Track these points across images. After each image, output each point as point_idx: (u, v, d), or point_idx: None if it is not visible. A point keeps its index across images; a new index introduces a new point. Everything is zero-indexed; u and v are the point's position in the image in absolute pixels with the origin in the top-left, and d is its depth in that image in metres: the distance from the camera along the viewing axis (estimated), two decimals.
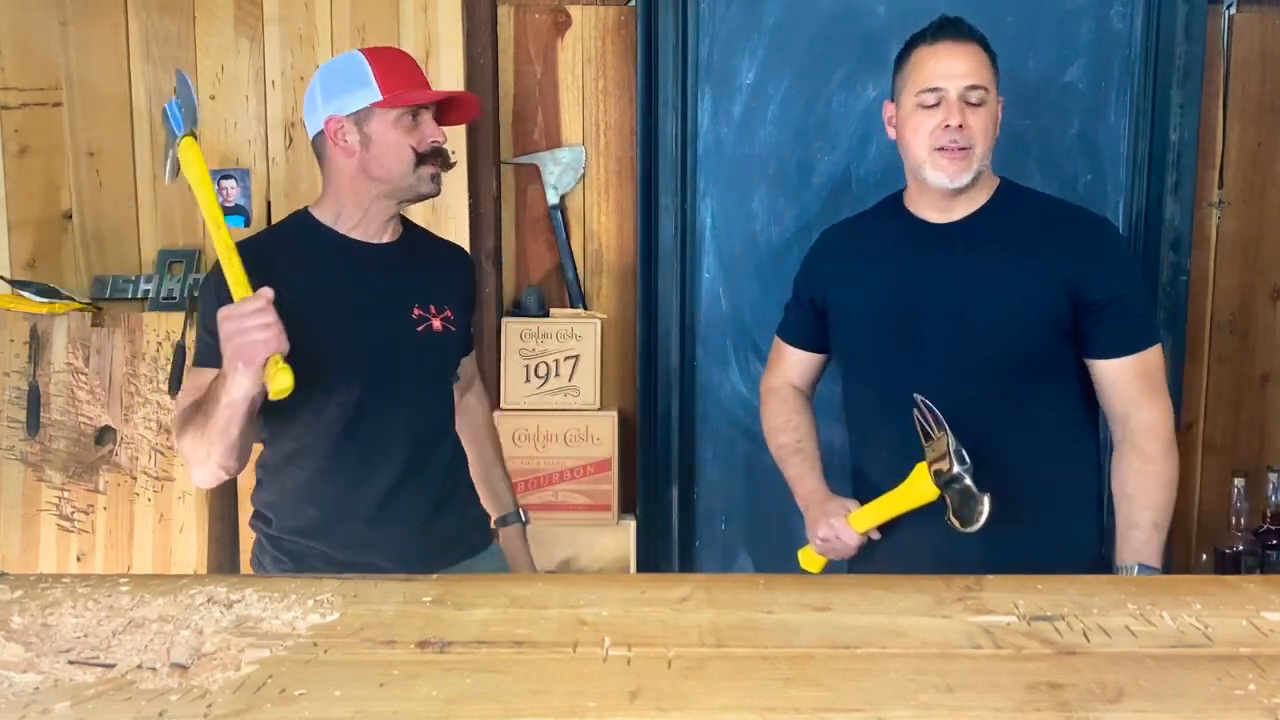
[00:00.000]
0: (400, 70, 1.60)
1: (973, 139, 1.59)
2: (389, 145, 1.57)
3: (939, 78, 1.59)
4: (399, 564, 1.57)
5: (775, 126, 2.48)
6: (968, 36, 1.62)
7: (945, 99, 1.59)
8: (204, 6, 2.45)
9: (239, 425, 1.44)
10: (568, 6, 2.50)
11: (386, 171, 1.58)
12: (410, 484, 1.64)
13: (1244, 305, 2.54)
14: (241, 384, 1.39)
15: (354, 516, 1.61)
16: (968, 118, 1.58)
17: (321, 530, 1.62)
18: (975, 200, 1.66)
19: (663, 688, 0.93)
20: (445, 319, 1.68)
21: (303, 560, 1.62)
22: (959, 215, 1.66)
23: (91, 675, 0.96)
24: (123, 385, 2.35)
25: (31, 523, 2.34)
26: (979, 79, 1.59)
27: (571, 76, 2.51)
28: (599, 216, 2.55)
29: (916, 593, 1.16)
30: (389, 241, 1.66)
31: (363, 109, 1.57)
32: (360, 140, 1.58)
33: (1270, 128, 2.49)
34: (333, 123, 1.58)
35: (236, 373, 1.39)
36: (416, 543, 1.64)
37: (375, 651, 1.01)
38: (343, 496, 1.61)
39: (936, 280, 1.65)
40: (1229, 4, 2.45)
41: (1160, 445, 1.60)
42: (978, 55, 1.61)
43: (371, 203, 1.61)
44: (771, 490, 2.55)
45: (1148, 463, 1.59)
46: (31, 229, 2.51)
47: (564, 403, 2.43)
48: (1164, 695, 0.92)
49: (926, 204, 1.69)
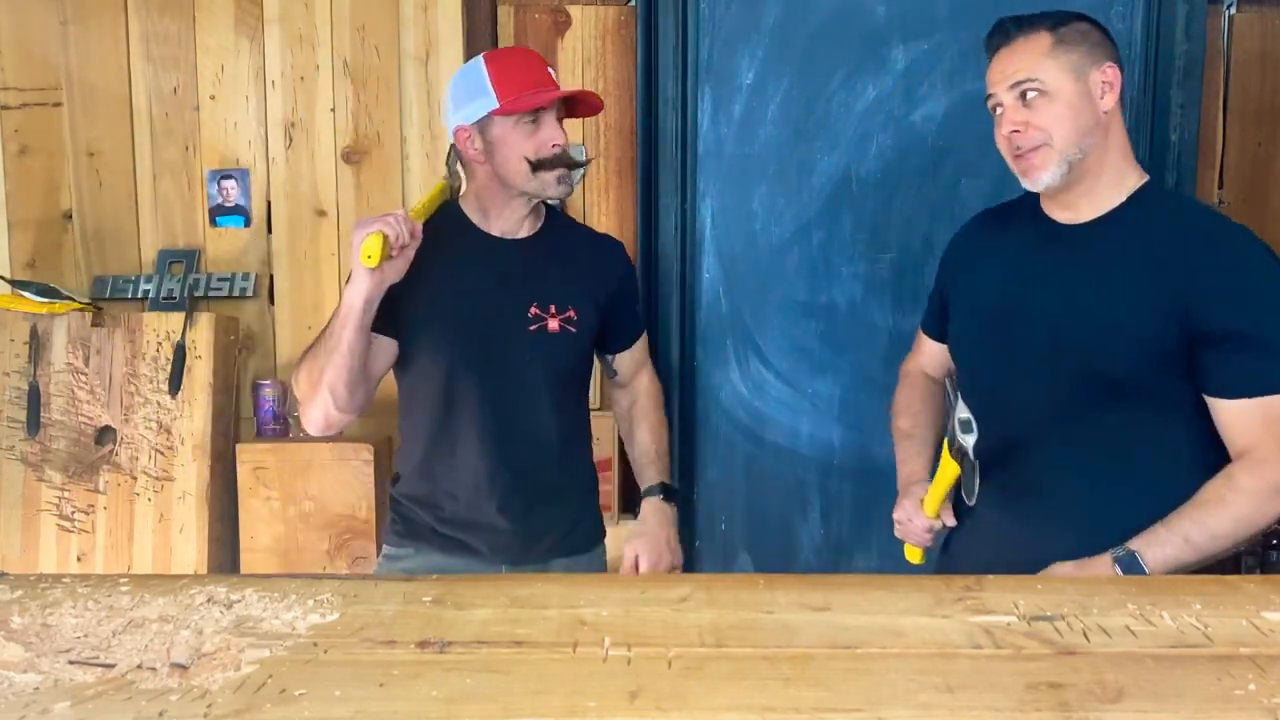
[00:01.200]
0: (518, 73, 1.63)
1: (1042, 136, 1.47)
2: (509, 152, 1.63)
3: (991, 85, 1.53)
4: (494, 550, 1.70)
5: (775, 126, 2.48)
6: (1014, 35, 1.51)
7: (1001, 105, 1.51)
8: (204, 6, 2.46)
9: (352, 329, 1.52)
10: (568, 6, 2.50)
11: (510, 175, 1.65)
12: (509, 476, 1.69)
13: None
14: (354, 271, 1.51)
15: (455, 498, 1.70)
16: (1029, 115, 1.48)
17: (429, 502, 1.72)
18: (1105, 200, 1.51)
19: (663, 688, 0.93)
20: (565, 319, 1.71)
21: (412, 524, 1.73)
22: (1086, 216, 1.52)
23: (91, 675, 0.96)
24: (123, 385, 2.35)
25: (31, 523, 2.34)
26: (1026, 72, 1.47)
27: (571, 77, 2.51)
28: (599, 216, 2.55)
29: (916, 593, 1.16)
30: (527, 236, 1.73)
31: (484, 117, 1.63)
32: (485, 147, 1.64)
33: (1270, 128, 2.49)
34: (461, 132, 1.66)
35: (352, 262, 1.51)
36: (513, 533, 1.71)
37: (375, 651, 1.01)
38: (447, 475, 1.70)
39: (1044, 283, 1.54)
40: (1229, 4, 2.45)
41: (1257, 482, 1.40)
42: (1026, 48, 1.48)
43: (506, 202, 1.69)
44: (771, 490, 2.56)
45: (1234, 491, 1.40)
46: (31, 229, 2.51)
47: None
48: (1164, 695, 0.92)
49: (1053, 204, 1.57)
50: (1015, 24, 1.51)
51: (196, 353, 2.36)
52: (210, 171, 2.50)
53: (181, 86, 2.48)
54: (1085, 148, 1.47)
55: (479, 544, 1.70)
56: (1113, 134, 1.50)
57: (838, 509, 2.55)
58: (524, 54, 1.71)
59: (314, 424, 1.63)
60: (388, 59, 2.47)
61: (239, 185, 2.50)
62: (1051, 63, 1.47)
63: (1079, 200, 1.52)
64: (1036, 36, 1.48)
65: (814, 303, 2.52)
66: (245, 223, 2.51)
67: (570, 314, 1.71)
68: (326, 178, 2.50)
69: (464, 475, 1.69)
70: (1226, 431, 1.43)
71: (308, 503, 2.36)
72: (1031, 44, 1.48)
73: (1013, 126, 1.48)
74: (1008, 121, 1.49)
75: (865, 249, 2.49)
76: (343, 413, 1.59)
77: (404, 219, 1.53)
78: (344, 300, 1.54)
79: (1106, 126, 1.49)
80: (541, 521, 1.73)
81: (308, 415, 1.62)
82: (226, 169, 2.49)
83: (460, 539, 1.70)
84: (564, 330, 1.71)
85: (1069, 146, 1.46)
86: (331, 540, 2.37)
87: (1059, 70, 1.46)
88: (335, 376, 1.55)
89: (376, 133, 2.49)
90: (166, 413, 2.34)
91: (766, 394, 2.55)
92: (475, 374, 1.67)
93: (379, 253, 1.48)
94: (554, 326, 1.70)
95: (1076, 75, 1.47)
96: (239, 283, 2.50)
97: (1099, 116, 1.47)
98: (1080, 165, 1.48)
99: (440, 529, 1.71)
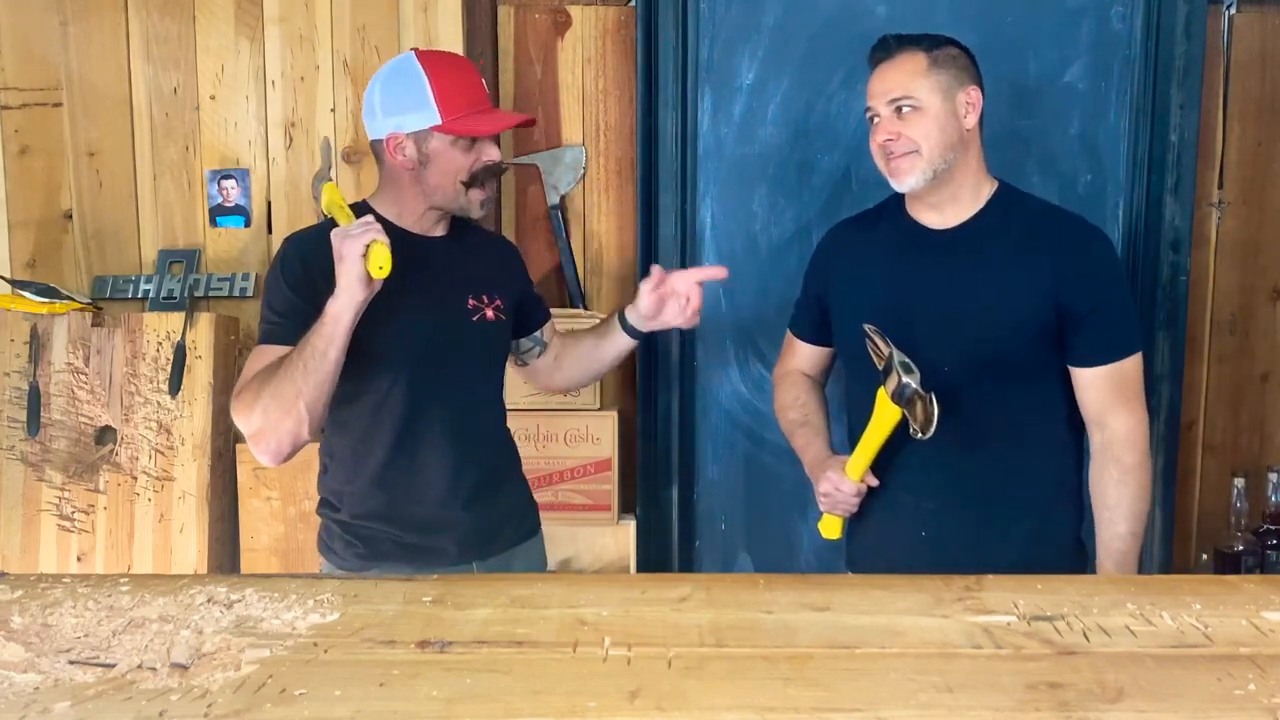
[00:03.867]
0: (460, 90, 1.62)
1: (912, 146, 1.63)
2: (443, 167, 1.63)
3: (870, 98, 1.68)
4: (462, 548, 1.68)
5: (775, 126, 2.48)
6: (895, 51, 1.66)
7: (877, 115, 1.67)
8: (204, 6, 2.46)
9: (338, 346, 1.47)
10: (568, 6, 2.50)
11: (438, 189, 1.64)
12: (469, 468, 1.70)
13: (1244, 305, 2.54)
14: (348, 283, 1.45)
15: (422, 501, 1.67)
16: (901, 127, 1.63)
17: (391, 515, 1.67)
18: (969, 205, 1.70)
19: (662, 688, 0.93)
20: (496, 308, 1.74)
21: (374, 543, 1.67)
22: (953, 221, 1.70)
23: (91, 675, 0.96)
24: (123, 385, 2.35)
25: (31, 523, 2.34)
26: (902, 90, 1.63)
27: (571, 77, 2.51)
28: (599, 216, 2.55)
29: (916, 593, 1.16)
30: (441, 235, 1.73)
31: (422, 130, 1.61)
32: (418, 158, 1.63)
33: (1270, 128, 2.49)
34: (392, 139, 1.63)
35: (343, 274, 1.46)
36: (478, 528, 1.71)
37: (375, 651, 1.01)
38: (410, 481, 1.66)
39: (928, 285, 1.69)
40: (1229, 4, 2.45)
41: (1136, 454, 1.64)
42: (904, 66, 1.64)
43: (425, 209, 1.69)
44: (771, 490, 2.56)
45: (1126, 473, 1.64)
46: (31, 229, 2.51)
47: (564, 403, 2.43)
48: (1164, 695, 0.92)
49: (920, 207, 1.73)
50: (897, 41, 1.67)
51: (196, 353, 2.36)
52: (210, 171, 2.50)
53: (181, 86, 2.48)
54: (949, 160, 1.65)
55: (448, 544, 1.68)
56: (972, 148, 1.68)
57: None
58: (461, 66, 1.68)
59: (278, 453, 1.52)
60: (388, 59, 2.46)
61: (239, 185, 2.50)
62: (925, 81, 1.63)
63: (944, 204, 1.70)
64: (914, 56, 1.64)
65: None
66: (245, 223, 2.51)
67: (499, 303, 1.75)
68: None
69: (430, 477, 1.66)
70: (1083, 394, 1.67)
71: (308, 503, 2.36)
72: (909, 62, 1.64)
73: (887, 135, 1.64)
74: (883, 131, 1.65)
75: None
76: (312, 436, 1.52)
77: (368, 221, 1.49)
78: (331, 316, 1.47)
79: (968, 142, 1.67)
80: (501, 509, 1.75)
81: (270, 444, 1.51)
82: (226, 169, 2.49)
83: (428, 544, 1.67)
84: (497, 318, 1.75)
85: (935, 157, 1.64)
86: None
87: (930, 89, 1.63)
88: (316, 399, 1.48)
89: None
90: (166, 413, 2.34)
91: (766, 394, 2.54)
92: (431, 370, 1.65)
93: (389, 260, 1.45)
94: (491, 315, 1.74)
95: (945, 95, 1.64)
96: (239, 283, 2.50)
97: (962, 133, 1.65)
98: (944, 174, 1.65)
99: (406, 539, 1.66)
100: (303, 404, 1.48)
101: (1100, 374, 1.64)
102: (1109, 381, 1.64)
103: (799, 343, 1.93)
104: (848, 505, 1.73)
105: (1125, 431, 1.64)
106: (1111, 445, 1.64)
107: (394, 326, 1.61)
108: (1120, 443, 1.64)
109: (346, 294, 1.46)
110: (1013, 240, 1.66)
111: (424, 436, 1.66)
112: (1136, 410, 1.66)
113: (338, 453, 1.69)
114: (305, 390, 1.47)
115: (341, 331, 1.47)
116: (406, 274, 1.62)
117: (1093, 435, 1.68)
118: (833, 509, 1.75)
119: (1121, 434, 1.64)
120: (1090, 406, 1.66)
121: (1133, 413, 1.65)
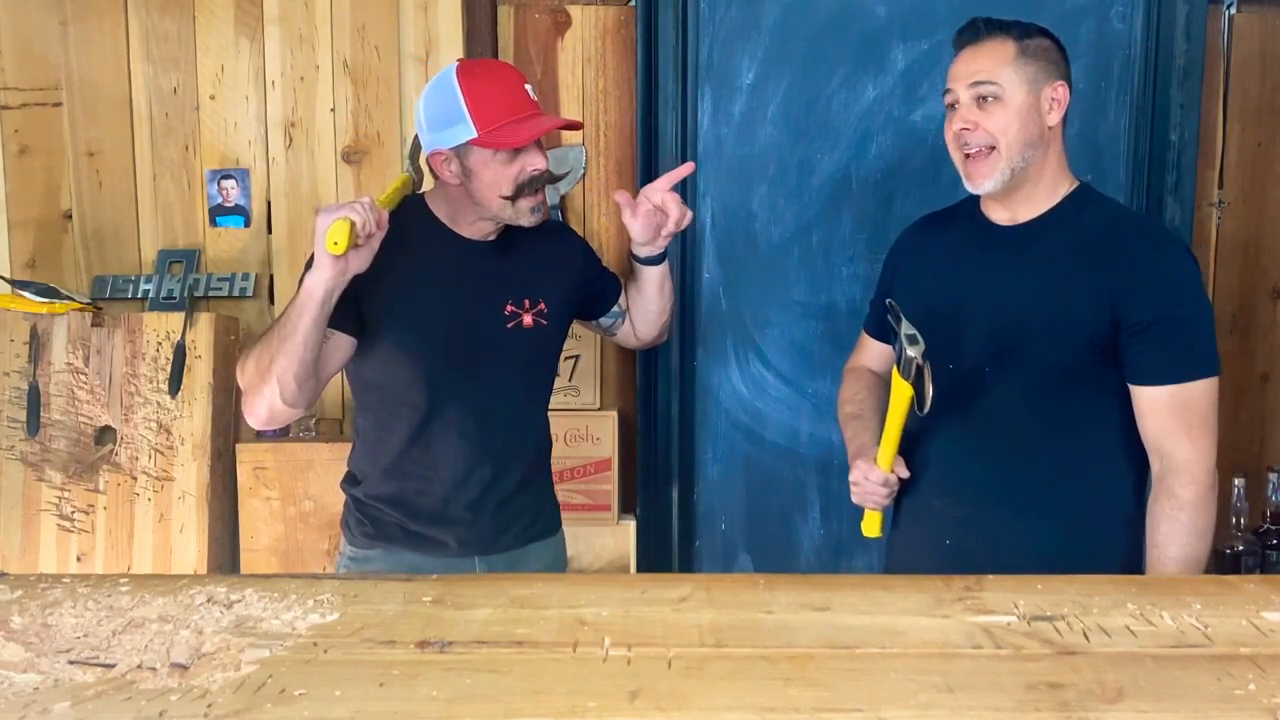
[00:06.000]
0: (497, 98, 1.59)
1: (990, 139, 1.54)
2: (487, 180, 1.62)
3: (951, 80, 1.59)
4: (465, 544, 1.71)
5: (775, 126, 2.48)
6: (983, 36, 1.57)
7: (957, 101, 1.58)
8: (204, 6, 2.46)
9: (310, 319, 1.48)
10: (568, 6, 2.50)
11: (484, 202, 1.65)
12: (487, 471, 1.71)
13: (1244, 305, 2.54)
14: (317, 258, 1.46)
15: (427, 494, 1.70)
16: (980, 117, 1.54)
17: (399, 501, 1.71)
18: (1041, 204, 1.61)
19: (662, 688, 0.93)
20: (538, 313, 1.74)
21: (381, 525, 1.72)
22: (1023, 218, 1.62)
23: (91, 675, 0.96)
24: (123, 385, 2.35)
25: (31, 523, 2.34)
26: (987, 75, 1.53)
27: (571, 76, 2.51)
28: (599, 216, 2.55)
29: (916, 593, 1.16)
30: (493, 239, 1.72)
31: (461, 144, 1.60)
32: (462, 172, 1.62)
33: (1270, 128, 2.49)
34: (437, 156, 1.63)
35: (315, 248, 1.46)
36: (483, 526, 1.73)
37: (375, 651, 1.01)
38: (419, 474, 1.70)
39: (983, 283, 1.62)
40: (1229, 4, 2.45)
41: (1194, 490, 1.49)
42: (992, 52, 1.55)
43: (477, 218, 1.69)
44: (771, 490, 2.56)
45: (1179, 509, 1.50)
46: (31, 229, 2.51)
47: (564, 403, 2.43)
48: (1164, 695, 0.92)
49: (992, 204, 1.65)
50: (986, 25, 1.57)
51: (196, 353, 2.36)
52: (210, 171, 2.50)
53: (181, 86, 2.48)
54: (1029, 158, 1.55)
55: (449, 539, 1.71)
56: (1053, 148, 1.58)
57: (838, 509, 2.55)
58: (500, 73, 1.65)
59: (256, 417, 1.56)
60: (388, 59, 2.47)
61: (239, 185, 2.50)
62: (1012, 71, 1.54)
63: (1017, 203, 1.61)
64: (1003, 42, 1.55)
65: (814, 303, 2.52)
66: (245, 223, 2.51)
67: (541, 307, 1.74)
68: (326, 178, 2.50)
69: (442, 472, 1.70)
70: (1142, 416, 1.53)
71: (308, 502, 2.36)
72: (998, 49, 1.55)
73: (964, 124, 1.55)
74: (960, 118, 1.56)
75: (865, 249, 2.49)
76: (289, 406, 1.53)
77: (371, 206, 1.49)
78: (303, 288, 1.48)
79: (1049, 141, 1.57)
80: (509, 512, 1.75)
81: (250, 407, 1.55)
82: (226, 169, 2.49)
83: (431, 535, 1.71)
84: (537, 324, 1.74)
85: (1014, 154, 1.54)
86: (331, 540, 2.37)
87: (1017, 79, 1.54)
88: (286, 368, 1.49)
89: (376, 133, 2.49)
90: (166, 413, 2.34)
91: (766, 394, 2.55)
92: (456, 374, 1.67)
93: (346, 239, 1.43)
94: (528, 322, 1.73)
95: (1031, 87, 1.54)
96: (239, 283, 2.50)
97: (1044, 130, 1.56)
98: (1021, 173, 1.56)
99: (411, 526, 1.71)
100: (274, 374, 1.50)
101: (1160, 395, 1.50)
102: (1170, 405, 1.50)
103: (867, 339, 1.88)
104: (877, 496, 1.65)
105: (1183, 462, 1.49)
106: (1167, 476, 1.50)
107: (421, 327, 1.65)
108: (1176, 474, 1.49)
109: (317, 268, 1.47)
110: (1076, 241, 1.56)
111: (439, 435, 1.68)
112: (1200, 441, 1.50)
113: (363, 432, 1.75)
114: (278, 359, 1.50)
115: (313, 305, 1.47)
116: (445, 279, 1.66)
117: (1152, 463, 1.54)
118: (863, 500, 1.68)
119: (1178, 464, 1.49)
120: (1149, 430, 1.53)
121: (1195, 442, 1.49)
